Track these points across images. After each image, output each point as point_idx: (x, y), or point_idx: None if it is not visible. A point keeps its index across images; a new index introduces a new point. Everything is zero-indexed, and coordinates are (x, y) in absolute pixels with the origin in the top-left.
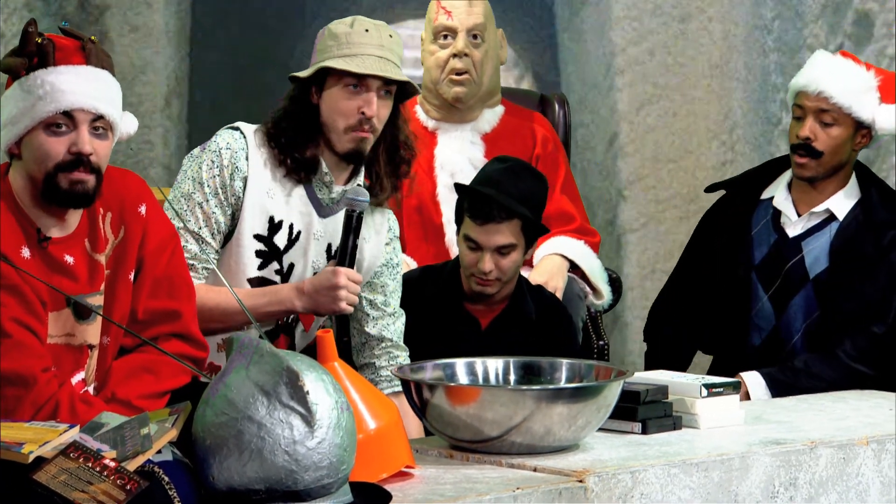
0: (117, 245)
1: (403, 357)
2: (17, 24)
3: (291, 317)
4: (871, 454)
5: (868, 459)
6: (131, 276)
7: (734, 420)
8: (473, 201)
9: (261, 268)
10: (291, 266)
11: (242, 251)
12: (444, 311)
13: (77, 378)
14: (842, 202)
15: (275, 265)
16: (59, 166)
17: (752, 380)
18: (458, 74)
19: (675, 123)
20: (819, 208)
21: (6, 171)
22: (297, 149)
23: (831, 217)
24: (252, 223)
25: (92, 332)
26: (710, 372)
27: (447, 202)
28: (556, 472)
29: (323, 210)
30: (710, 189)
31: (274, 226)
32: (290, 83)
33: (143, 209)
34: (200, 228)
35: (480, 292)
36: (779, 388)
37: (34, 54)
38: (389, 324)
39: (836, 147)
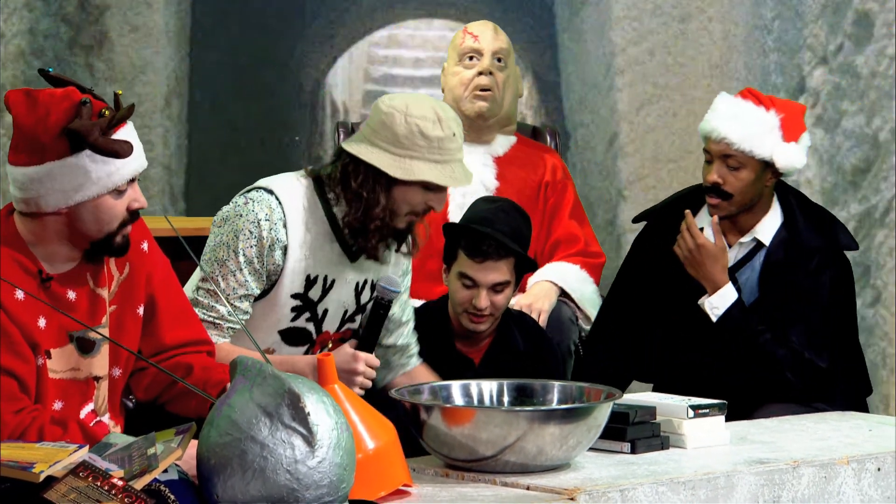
0: (123, 281)
1: (414, 345)
2: (17, 24)
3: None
4: (852, 473)
5: (849, 478)
6: (139, 310)
7: (720, 440)
8: (471, 240)
9: (293, 319)
10: (325, 312)
11: (278, 308)
12: (436, 351)
13: (86, 410)
14: (766, 229)
15: (307, 314)
16: (121, 224)
17: (726, 292)
18: (482, 90)
19: (675, 123)
20: (746, 238)
21: (7, 213)
22: (361, 234)
23: (759, 245)
24: (291, 286)
25: (97, 364)
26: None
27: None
28: (549, 491)
29: (353, 255)
30: (637, 220)
31: (310, 282)
32: (347, 155)
33: (144, 246)
34: (229, 295)
35: (473, 329)
36: (738, 317)
37: (101, 126)
38: (404, 331)
39: (745, 188)
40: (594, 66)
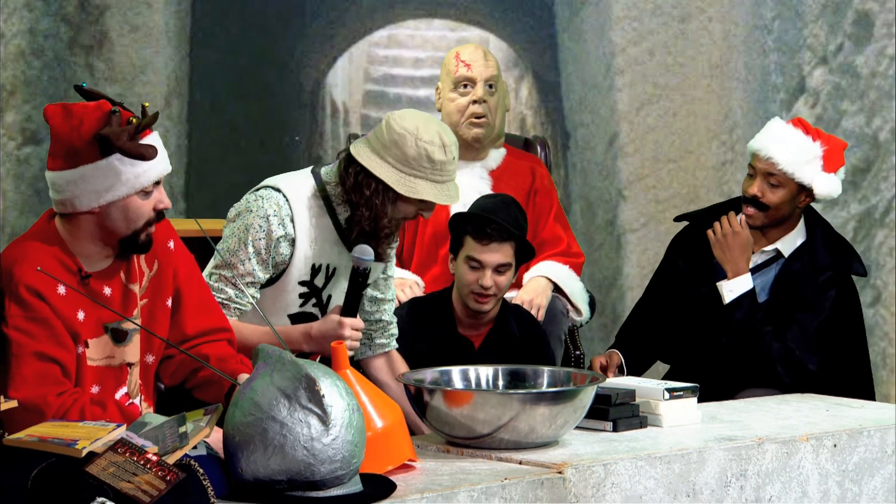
0: (153, 277)
1: (394, 326)
2: (17, 24)
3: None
4: (811, 449)
5: (808, 454)
6: (168, 303)
7: (692, 419)
8: (478, 225)
9: (302, 305)
10: (329, 297)
11: (287, 295)
12: (440, 336)
13: (120, 393)
14: (788, 243)
15: (313, 300)
16: (147, 223)
17: (744, 279)
18: (477, 118)
19: (675, 123)
20: (769, 248)
21: (49, 218)
22: (371, 237)
23: (779, 255)
24: (298, 274)
25: (130, 352)
26: (667, 378)
27: None
28: (539, 465)
29: (350, 245)
30: (679, 219)
31: (315, 270)
32: (354, 159)
33: (171, 244)
34: (237, 280)
35: (478, 309)
36: (749, 306)
37: (129, 132)
38: (386, 307)
39: (780, 204)
40: (594, 66)
